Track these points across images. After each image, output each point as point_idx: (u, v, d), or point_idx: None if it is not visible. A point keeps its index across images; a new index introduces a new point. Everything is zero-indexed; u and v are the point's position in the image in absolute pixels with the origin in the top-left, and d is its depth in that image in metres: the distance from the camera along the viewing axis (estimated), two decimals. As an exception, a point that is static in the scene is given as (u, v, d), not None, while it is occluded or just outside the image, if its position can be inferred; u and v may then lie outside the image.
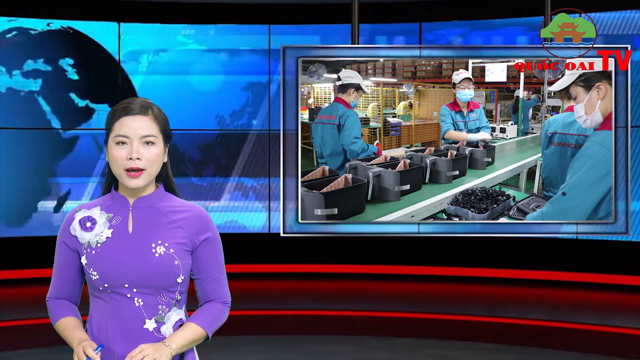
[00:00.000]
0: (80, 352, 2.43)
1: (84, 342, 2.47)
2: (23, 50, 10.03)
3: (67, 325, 2.56)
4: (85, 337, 2.50)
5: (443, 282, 10.00)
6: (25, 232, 9.90)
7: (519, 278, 9.85)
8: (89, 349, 2.43)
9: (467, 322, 8.14)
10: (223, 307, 2.62)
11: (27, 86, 9.97)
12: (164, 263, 2.50)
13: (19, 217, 10.00)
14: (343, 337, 7.52)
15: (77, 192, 10.00)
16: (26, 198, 10.00)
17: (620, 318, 8.27)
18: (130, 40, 10.40)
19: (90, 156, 10.16)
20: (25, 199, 10.02)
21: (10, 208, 9.94)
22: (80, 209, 2.58)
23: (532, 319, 8.19)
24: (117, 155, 2.51)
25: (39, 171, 9.97)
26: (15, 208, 9.99)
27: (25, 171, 9.92)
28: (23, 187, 9.92)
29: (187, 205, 2.59)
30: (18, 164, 9.88)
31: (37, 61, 10.13)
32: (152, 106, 2.57)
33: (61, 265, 2.59)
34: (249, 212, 10.62)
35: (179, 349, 2.50)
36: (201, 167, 10.57)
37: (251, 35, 10.55)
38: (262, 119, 10.58)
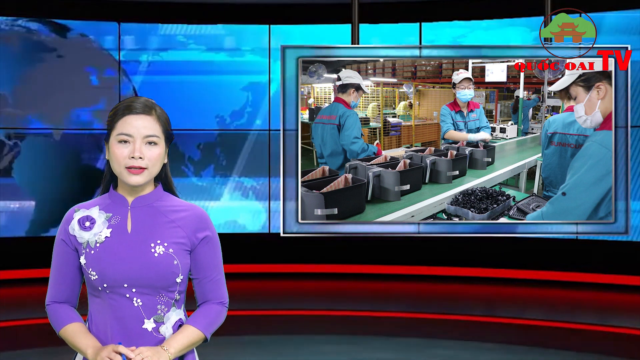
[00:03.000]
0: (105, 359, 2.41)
1: (101, 350, 2.43)
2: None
3: (75, 333, 2.53)
4: (98, 345, 2.47)
5: (443, 282, 10.00)
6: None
7: (519, 278, 9.85)
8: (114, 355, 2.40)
9: (467, 322, 8.14)
10: (221, 309, 2.62)
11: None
12: (163, 263, 2.50)
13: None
14: (343, 337, 7.52)
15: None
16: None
17: (620, 318, 8.27)
18: (130, 40, 10.39)
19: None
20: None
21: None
22: (78, 208, 2.57)
23: (532, 319, 8.19)
24: (119, 154, 2.50)
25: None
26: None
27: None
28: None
29: (185, 205, 2.59)
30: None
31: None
32: (156, 106, 2.56)
33: (60, 266, 2.58)
34: (249, 212, 10.62)
35: (177, 352, 2.50)
36: (201, 167, 10.57)
37: (251, 35, 10.54)
38: (262, 119, 10.57)
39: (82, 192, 9.90)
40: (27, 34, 10.09)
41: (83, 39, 10.25)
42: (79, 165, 10.29)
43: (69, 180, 10.20)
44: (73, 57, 10.22)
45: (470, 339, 7.47)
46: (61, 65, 10.18)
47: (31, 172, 10.19)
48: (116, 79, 10.29)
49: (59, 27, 10.17)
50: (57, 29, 10.17)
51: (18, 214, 10.11)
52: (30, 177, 10.19)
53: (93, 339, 2.50)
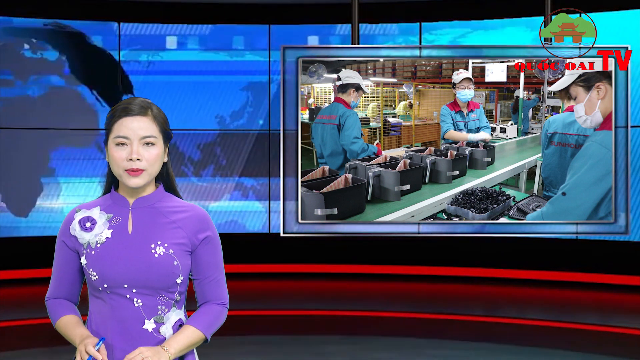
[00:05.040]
0: (83, 350, 2.43)
1: (85, 339, 2.47)
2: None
3: (67, 324, 2.56)
4: (86, 334, 2.50)
5: (443, 282, 10.00)
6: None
7: (519, 278, 9.85)
8: (90, 347, 2.43)
9: (467, 322, 8.14)
10: (221, 309, 2.62)
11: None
12: (164, 263, 2.50)
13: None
14: (343, 337, 7.52)
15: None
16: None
17: (620, 318, 8.27)
18: (130, 40, 10.39)
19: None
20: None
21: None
22: (79, 209, 2.58)
23: (532, 319, 8.20)
24: (117, 156, 2.50)
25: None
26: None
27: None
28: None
29: (186, 206, 2.59)
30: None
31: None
32: (152, 106, 2.56)
33: (60, 266, 2.59)
34: (249, 212, 10.62)
35: (177, 352, 2.50)
36: (201, 167, 10.57)
37: (251, 35, 10.54)
38: (262, 119, 10.57)
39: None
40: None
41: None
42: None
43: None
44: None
45: (470, 339, 7.47)
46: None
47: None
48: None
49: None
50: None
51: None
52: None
53: (84, 329, 2.53)
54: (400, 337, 7.53)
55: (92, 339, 2.46)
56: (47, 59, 10.16)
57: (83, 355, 2.42)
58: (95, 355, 2.41)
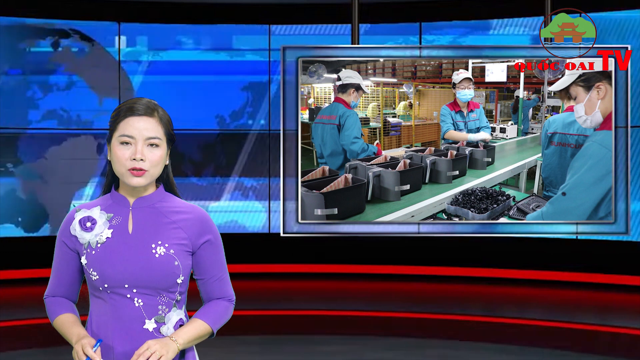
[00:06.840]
0: (80, 351, 2.43)
1: (82, 339, 2.46)
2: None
3: (65, 322, 2.56)
4: (83, 334, 2.50)
5: (443, 282, 10.00)
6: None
7: (519, 278, 9.85)
8: (88, 348, 2.42)
9: (467, 322, 8.14)
10: (228, 305, 2.63)
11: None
12: (164, 263, 2.50)
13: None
14: (343, 337, 7.52)
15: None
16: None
17: (620, 318, 8.27)
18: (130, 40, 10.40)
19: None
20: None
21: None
22: (80, 208, 2.57)
23: (532, 319, 8.20)
24: (121, 155, 2.50)
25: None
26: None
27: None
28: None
29: (187, 206, 2.59)
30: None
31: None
32: (158, 108, 2.56)
33: (60, 265, 2.59)
34: (249, 212, 10.62)
35: (185, 343, 2.51)
36: (201, 167, 10.57)
37: (251, 35, 10.55)
38: (262, 119, 10.57)
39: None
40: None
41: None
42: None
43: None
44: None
45: (469, 339, 7.47)
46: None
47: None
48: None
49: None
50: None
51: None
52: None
53: (81, 328, 2.53)
54: (400, 337, 7.54)
55: (89, 340, 2.46)
56: (46, 58, 10.16)
57: (80, 356, 2.42)
58: (92, 357, 2.41)
